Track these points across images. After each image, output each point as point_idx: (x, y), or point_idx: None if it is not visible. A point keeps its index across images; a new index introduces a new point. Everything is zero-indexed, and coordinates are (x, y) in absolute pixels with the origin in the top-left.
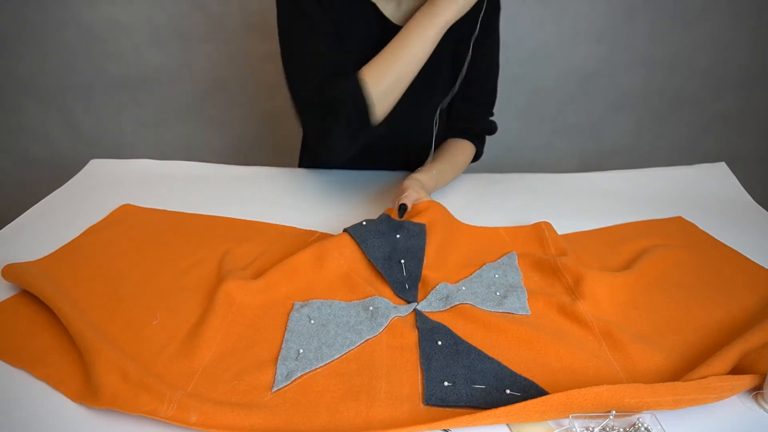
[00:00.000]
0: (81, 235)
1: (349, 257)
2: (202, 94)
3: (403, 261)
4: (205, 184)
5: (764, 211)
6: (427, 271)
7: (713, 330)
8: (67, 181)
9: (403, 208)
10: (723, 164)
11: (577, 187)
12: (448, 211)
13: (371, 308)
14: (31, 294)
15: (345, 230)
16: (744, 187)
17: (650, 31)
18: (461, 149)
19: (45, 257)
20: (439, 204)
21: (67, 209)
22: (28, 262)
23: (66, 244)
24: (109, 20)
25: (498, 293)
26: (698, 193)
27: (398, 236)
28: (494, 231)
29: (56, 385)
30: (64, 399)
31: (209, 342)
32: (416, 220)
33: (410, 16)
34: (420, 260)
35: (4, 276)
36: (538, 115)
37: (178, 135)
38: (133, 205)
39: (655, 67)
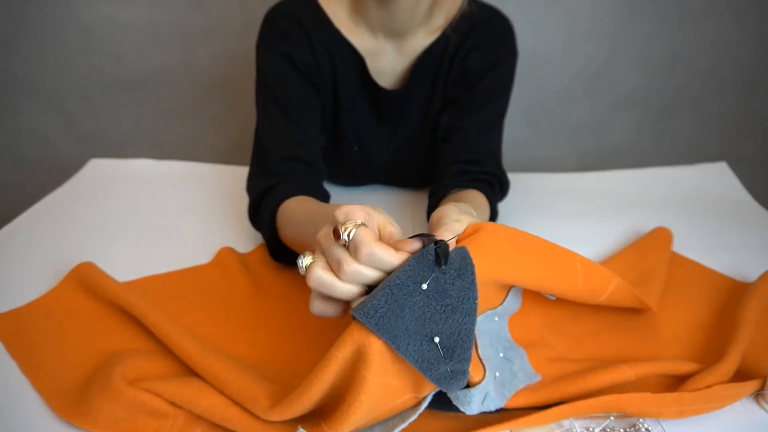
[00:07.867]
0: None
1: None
2: (202, 94)
3: (437, 339)
4: (205, 184)
5: (765, 211)
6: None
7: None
8: (66, 181)
9: (441, 248)
10: (724, 164)
11: (577, 187)
12: (514, 228)
13: None
14: (60, 296)
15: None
16: (745, 187)
17: (651, 30)
18: (471, 194)
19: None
20: (497, 224)
21: (66, 209)
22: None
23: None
24: (109, 20)
25: (501, 354)
26: (698, 193)
27: (425, 287)
28: (570, 256)
29: (48, 398)
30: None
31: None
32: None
33: (393, 77)
34: (470, 322)
35: (76, 270)
36: (539, 115)
37: (177, 135)
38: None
39: (656, 66)
